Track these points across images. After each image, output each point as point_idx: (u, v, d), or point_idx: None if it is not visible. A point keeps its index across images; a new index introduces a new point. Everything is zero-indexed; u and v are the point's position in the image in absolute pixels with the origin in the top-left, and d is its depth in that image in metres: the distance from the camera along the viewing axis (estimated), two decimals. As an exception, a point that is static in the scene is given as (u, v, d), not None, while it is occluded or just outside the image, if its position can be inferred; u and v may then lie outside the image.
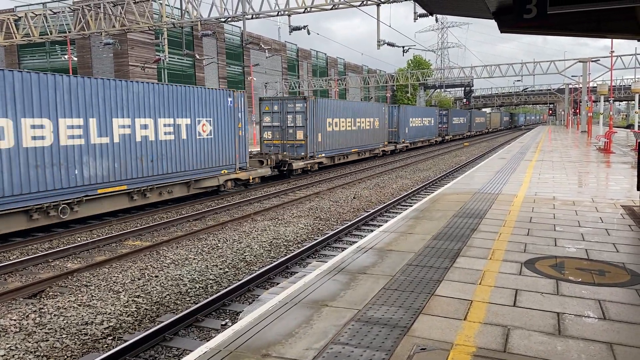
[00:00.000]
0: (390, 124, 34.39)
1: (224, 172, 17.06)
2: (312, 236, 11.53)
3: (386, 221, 11.73)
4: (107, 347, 6.10)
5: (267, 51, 43.65)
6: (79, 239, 11.48)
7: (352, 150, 27.72)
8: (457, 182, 13.73)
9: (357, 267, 6.02)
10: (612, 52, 36.90)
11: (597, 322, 4.35)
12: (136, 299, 7.52)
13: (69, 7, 31.16)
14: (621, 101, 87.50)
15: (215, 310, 7.09)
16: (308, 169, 23.06)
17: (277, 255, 9.97)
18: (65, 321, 6.68)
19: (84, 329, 6.47)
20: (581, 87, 49.39)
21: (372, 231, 9.59)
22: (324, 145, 24.45)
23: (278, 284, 8.13)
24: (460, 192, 11.85)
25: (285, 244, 10.83)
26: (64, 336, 6.26)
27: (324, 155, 24.49)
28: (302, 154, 22.93)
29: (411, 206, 12.11)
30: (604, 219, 8.58)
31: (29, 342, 6.08)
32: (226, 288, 7.83)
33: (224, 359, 3.82)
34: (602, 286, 5.24)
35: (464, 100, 70.18)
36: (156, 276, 8.59)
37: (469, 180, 14.12)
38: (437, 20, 27.84)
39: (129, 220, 13.26)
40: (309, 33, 25.90)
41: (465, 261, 6.17)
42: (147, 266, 9.17)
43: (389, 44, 27.88)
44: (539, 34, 9.99)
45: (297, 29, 25.65)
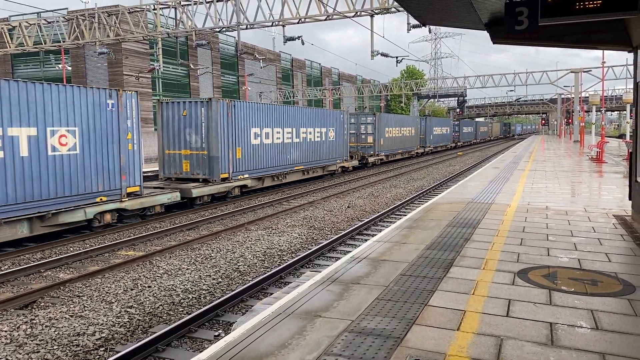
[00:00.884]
0: (420, 132, 43.18)
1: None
2: (306, 246, 11.51)
3: (380, 231, 11.73)
4: (98, 358, 6.04)
5: (261, 61, 43.87)
6: (71, 248, 11.40)
7: (399, 151, 36.82)
8: (450, 192, 13.78)
9: (351, 277, 6.01)
10: (604, 62, 37.29)
11: (589, 332, 4.37)
12: (129, 309, 7.46)
13: (63, 17, 31.20)
14: (613, 111, 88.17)
15: (209, 321, 7.05)
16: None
17: (270, 265, 9.94)
18: (56, 332, 6.62)
19: (75, 340, 6.42)
20: (573, 97, 49.80)
21: (366, 241, 9.59)
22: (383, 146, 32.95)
23: (271, 294, 8.10)
24: (454, 201, 11.89)
25: (279, 253, 10.81)
26: (55, 347, 6.20)
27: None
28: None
29: (405, 215, 12.13)
30: (596, 228, 8.63)
31: (20, 354, 6.01)
32: (219, 298, 7.79)
33: (217, 370, 3.79)
34: (595, 296, 5.26)
35: (458, 110, 70.62)
36: (149, 286, 8.54)
37: (462, 189, 14.17)
38: (430, 31, 28.19)
39: (122, 230, 13.20)
40: (303, 43, 26.03)
41: (459, 271, 6.18)
42: (140, 276, 9.11)
43: (383, 54, 28.07)
44: (531, 44, 10.09)
45: (292, 39, 25.78)
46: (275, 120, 20.69)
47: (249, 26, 26.01)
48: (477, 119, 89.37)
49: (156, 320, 7.19)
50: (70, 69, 40.01)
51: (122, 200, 13.28)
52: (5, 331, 6.65)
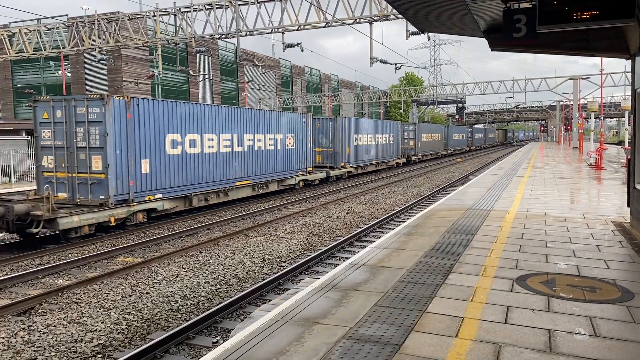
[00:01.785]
0: (444, 137, 52.81)
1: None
2: (305, 252, 11.49)
3: (379, 237, 11.72)
4: (96, 365, 6.02)
5: (261, 67, 43.94)
6: (69, 255, 11.38)
7: (429, 152, 46.63)
8: (449, 198, 13.78)
9: (350, 284, 6.00)
10: (602, 69, 37.42)
11: (588, 339, 4.36)
12: (127, 316, 7.44)
13: (63, 23, 31.28)
14: (612, 118, 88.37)
15: (207, 328, 7.03)
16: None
17: (269, 272, 9.92)
18: (54, 339, 6.60)
19: (73, 346, 6.39)
20: (572, 104, 49.90)
21: (364, 247, 9.58)
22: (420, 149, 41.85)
23: (270, 300, 8.08)
24: (453, 208, 11.89)
25: (277, 260, 10.79)
26: (53, 354, 6.18)
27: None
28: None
29: (404, 222, 12.12)
30: (595, 235, 8.63)
31: (17, 361, 5.99)
32: (218, 305, 7.78)
33: (214, 377, 3.78)
34: (593, 303, 5.25)
35: (457, 117, 70.74)
36: (147, 293, 8.52)
37: (461, 196, 14.18)
38: (429, 38, 28.09)
39: (121, 236, 13.18)
40: (302, 50, 26.09)
41: (457, 278, 6.18)
42: (138, 283, 9.09)
43: (382, 61, 28.12)
44: (529, 52, 10.14)
45: (291, 46, 25.85)
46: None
47: (248, 33, 26.09)
48: (485, 126, 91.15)
49: (154, 327, 7.16)
50: (69, 75, 40.09)
51: (307, 173, 23.27)
52: (3, 338, 6.62)
